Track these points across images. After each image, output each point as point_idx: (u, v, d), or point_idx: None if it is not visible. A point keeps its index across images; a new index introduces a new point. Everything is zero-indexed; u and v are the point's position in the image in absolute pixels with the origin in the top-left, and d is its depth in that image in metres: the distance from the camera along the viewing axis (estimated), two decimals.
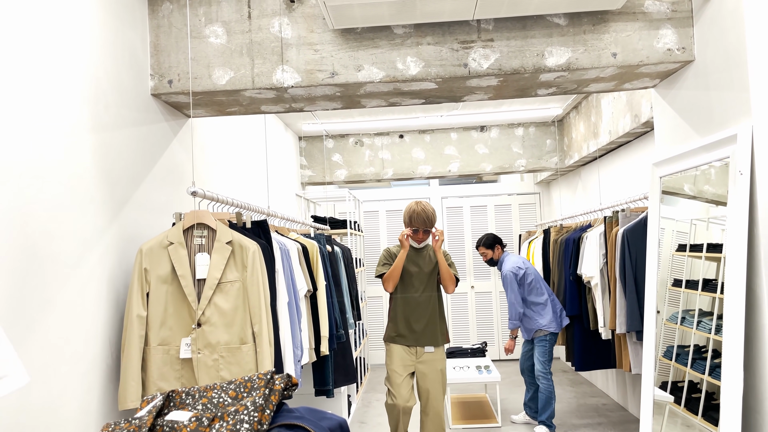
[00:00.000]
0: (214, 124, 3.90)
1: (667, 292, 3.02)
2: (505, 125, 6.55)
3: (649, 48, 2.77)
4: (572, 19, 2.80)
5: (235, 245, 2.49)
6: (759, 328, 2.30)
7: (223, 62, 2.86)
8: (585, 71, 2.84)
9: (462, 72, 2.82)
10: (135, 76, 2.73)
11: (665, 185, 3.06)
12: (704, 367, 2.64)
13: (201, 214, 2.51)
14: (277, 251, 2.89)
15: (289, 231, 3.89)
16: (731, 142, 2.40)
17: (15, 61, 1.89)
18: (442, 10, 2.60)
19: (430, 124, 6.38)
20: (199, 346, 2.40)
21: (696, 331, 2.71)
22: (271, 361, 2.43)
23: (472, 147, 6.55)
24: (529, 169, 6.57)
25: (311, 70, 2.84)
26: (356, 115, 5.88)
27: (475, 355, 5.81)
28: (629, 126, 4.45)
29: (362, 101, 3.19)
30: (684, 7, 2.77)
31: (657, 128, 3.26)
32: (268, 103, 3.12)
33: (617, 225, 3.99)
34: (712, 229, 2.68)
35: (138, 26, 2.78)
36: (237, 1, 2.88)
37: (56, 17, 2.12)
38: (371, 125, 6.28)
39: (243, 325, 2.43)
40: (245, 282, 2.46)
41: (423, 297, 3.67)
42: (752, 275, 2.33)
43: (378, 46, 2.84)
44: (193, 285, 2.45)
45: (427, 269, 3.72)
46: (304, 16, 2.86)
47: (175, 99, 2.96)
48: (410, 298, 3.65)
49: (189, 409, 1.02)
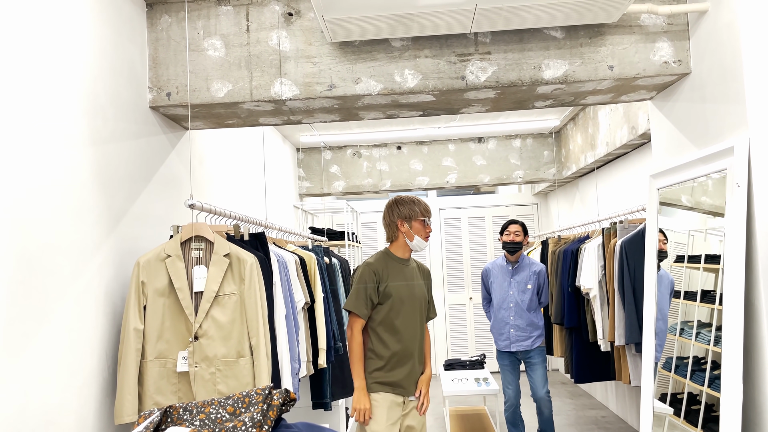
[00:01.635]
0: (212, 137, 3.91)
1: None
2: (503, 137, 6.57)
3: (645, 61, 2.79)
4: (569, 32, 2.81)
5: (233, 258, 2.48)
6: (757, 340, 2.29)
7: (221, 75, 2.87)
8: (582, 84, 2.86)
9: (459, 84, 2.84)
10: (133, 89, 2.73)
11: (663, 197, 3.07)
12: (703, 378, 2.63)
13: (199, 227, 2.51)
14: (275, 263, 2.89)
15: (286, 243, 3.89)
16: (728, 154, 2.41)
17: (13, 74, 1.89)
18: (439, 24, 2.62)
19: (427, 136, 6.40)
20: (196, 359, 2.39)
21: (695, 343, 2.71)
22: (268, 375, 2.42)
23: (469, 158, 6.56)
24: (527, 180, 6.58)
25: (309, 83, 2.85)
26: (354, 126, 5.89)
27: (473, 367, 5.79)
28: (626, 138, 4.47)
29: (360, 113, 3.20)
30: (680, 20, 2.79)
31: (654, 140, 3.27)
32: (267, 115, 3.13)
33: (615, 236, 4.00)
34: (710, 240, 2.68)
35: (137, 39, 2.79)
36: (236, 14, 2.89)
37: (55, 31, 2.13)
38: (369, 137, 6.29)
39: (240, 339, 2.42)
40: (243, 295, 2.45)
41: (416, 330, 2.86)
42: (750, 287, 2.33)
43: (376, 58, 2.85)
44: (190, 298, 2.44)
45: (419, 292, 2.89)
46: (303, 30, 2.87)
47: (174, 111, 2.97)
48: (402, 329, 2.80)
49: (186, 425, 1.01)
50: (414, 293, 2.85)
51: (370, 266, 2.78)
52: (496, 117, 5.78)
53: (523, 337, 4.36)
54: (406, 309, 2.80)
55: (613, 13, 2.59)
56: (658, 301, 3.05)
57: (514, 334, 4.37)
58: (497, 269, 4.52)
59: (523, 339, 4.36)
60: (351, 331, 2.74)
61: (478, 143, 6.58)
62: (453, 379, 5.41)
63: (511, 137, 6.57)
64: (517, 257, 4.45)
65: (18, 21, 1.93)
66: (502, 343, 4.41)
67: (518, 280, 4.42)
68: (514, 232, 4.40)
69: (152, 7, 2.91)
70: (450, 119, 5.77)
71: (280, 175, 5.81)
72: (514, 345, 4.37)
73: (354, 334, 2.74)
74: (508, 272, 4.47)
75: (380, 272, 2.78)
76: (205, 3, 2.90)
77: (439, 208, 7.98)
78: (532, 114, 5.81)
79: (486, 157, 6.56)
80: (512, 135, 6.55)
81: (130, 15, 2.74)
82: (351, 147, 6.66)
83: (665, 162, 3.10)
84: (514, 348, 4.36)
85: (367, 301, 2.75)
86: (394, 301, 2.77)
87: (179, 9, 2.90)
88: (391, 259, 2.86)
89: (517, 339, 4.37)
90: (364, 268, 2.79)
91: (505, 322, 4.40)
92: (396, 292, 2.78)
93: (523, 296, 4.37)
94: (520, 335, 4.36)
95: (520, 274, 4.44)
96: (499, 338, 4.42)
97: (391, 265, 2.84)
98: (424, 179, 6.56)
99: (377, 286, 2.77)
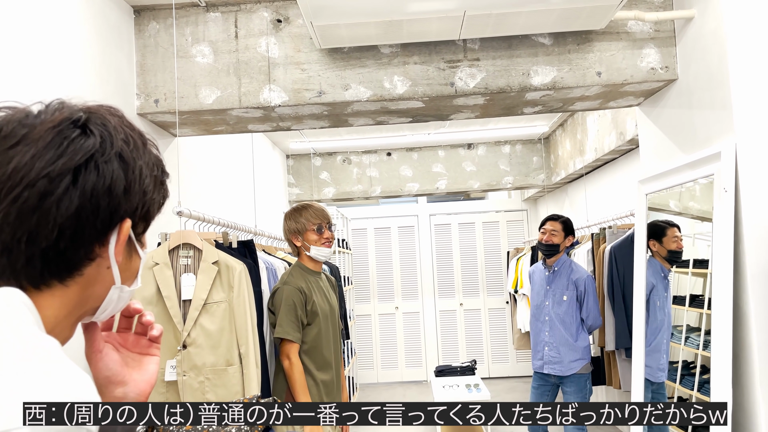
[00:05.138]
0: (200, 143, 3.89)
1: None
2: (492, 143, 6.59)
3: (633, 67, 2.81)
4: (557, 38, 2.83)
5: (222, 265, 2.46)
6: (745, 345, 2.30)
7: (209, 81, 2.86)
8: (570, 90, 2.87)
9: (449, 91, 2.84)
10: (121, 96, 2.71)
11: (651, 202, 3.09)
12: (693, 383, 2.64)
13: (187, 234, 2.49)
14: (264, 271, 2.87)
15: (276, 250, 3.87)
16: (715, 159, 2.43)
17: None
18: (428, 30, 2.62)
19: (417, 142, 6.40)
20: (185, 368, 2.36)
21: (684, 347, 2.71)
22: (257, 383, 2.40)
23: (459, 164, 6.57)
24: (516, 186, 6.60)
25: (298, 89, 2.84)
26: (344, 133, 5.88)
27: (464, 374, 5.78)
28: (615, 143, 4.50)
29: (350, 120, 3.19)
30: (666, 27, 2.81)
31: (642, 146, 3.29)
32: (255, 122, 3.12)
33: (604, 242, 4.01)
34: (698, 244, 2.69)
35: (124, 46, 2.78)
36: (224, 20, 2.88)
37: (41, 36, 2.11)
38: (359, 143, 6.29)
39: (229, 347, 2.40)
40: (231, 303, 2.43)
41: (338, 352, 2.67)
42: (738, 291, 2.34)
43: (365, 65, 2.85)
44: (178, 306, 2.41)
45: (333, 303, 2.67)
46: (291, 36, 2.87)
47: (162, 118, 2.95)
48: (329, 352, 2.58)
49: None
50: (332, 307, 2.63)
51: (294, 285, 2.50)
52: (485, 123, 5.80)
53: (556, 358, 3.58)
54: (329, 327, 2.58)
55: (600, 20, 2.60)
56: (663, 306, 2.98)
57: (548, 354, 3.61)
58: (537, 274, 3.82)
59: (557, 361, 3.58)
60: (289, 360, 2.44)
61: (467, 149, 6.59)
62: (444, 385, 5.39)
63: (500, 143, 6.59)
64: (555, 261, 3.68)
65: (3, 26, 1.91)
66: (536, 363, 3.71)
67: (554, 290, 3.64)
68: (550, 230, 3.63)
69: (140, 14, 2.89)
70: (439, 125, 5.78)
71: (270, 181, 5.79)
72: (548, 366, 3.61)
73: (294, 362, 2.44)
74: (545, 279, 3.72)
75: (305, 290, 2.51)
76: (193, 9, 2.89)
77: (429, 214, 7.98)
78: (522, 120, 5.83)
79: (476, 163, 6.57)
80: (502, 141, 6.57)
81: (118, 21, 2.73)
82: (341, 153, 6.66)
83: (653, 167, 3.12)
84: (547, 370, 3.61)
85: (298, 323, 2.47)
86: (320, 319, 2.52)
87: (167, 15, 2.88)
88: (307, 273, 2.61)
89: (551, 360, 3.60)
90: (288, 289, 2.48)
91: (540, 338, 3.68)
92: (321, 308, 2.54)
93: (559, 309, 3.59)
94: (553, 356, 3.59)
95: (556, 282, 3.65)
96: (534, 356, 3.74)
97: (310, 280, 2.59)
98: (414, 185, 6.56)
99: (305, 306, 2.50)
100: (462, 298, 7.85)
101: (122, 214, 0.69)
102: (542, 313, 3.68)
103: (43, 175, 0.63)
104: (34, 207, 0.62)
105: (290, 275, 2.57)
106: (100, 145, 0.67)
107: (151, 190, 0.74)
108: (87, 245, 0.67)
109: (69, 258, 0.66)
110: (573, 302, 3.58)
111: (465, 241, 7.92)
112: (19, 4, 1.99)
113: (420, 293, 7.87)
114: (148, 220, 0.75)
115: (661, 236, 3.00)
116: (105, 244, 0.69)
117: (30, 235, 0.63)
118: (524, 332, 5.86)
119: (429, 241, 7.92)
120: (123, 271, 0.73)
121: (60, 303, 0.67)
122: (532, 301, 3.82)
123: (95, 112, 0.71)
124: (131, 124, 0.75)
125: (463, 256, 7.90)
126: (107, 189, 0.67)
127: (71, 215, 0.64)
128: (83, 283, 0.68)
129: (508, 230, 7.95)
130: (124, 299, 0.75)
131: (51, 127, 0.65)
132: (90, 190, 0.65)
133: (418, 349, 7.82)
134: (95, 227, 0.66)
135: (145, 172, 0.72)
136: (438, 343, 7.83)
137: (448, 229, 7.95)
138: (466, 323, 7.83)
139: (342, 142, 6.18)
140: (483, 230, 7.93)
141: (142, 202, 0.72)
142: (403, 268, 7.90)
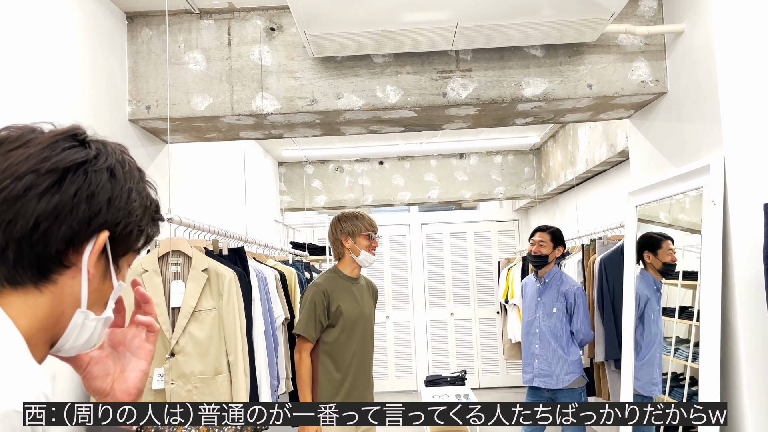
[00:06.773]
0: (192, 150, 3.87)
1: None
2: (484, 153, 6.61)
3: (623, 80, 2.83)
4: (549, 50, 2.85)
5: (211, 273, 2.45)
6: (733, 357, 2.31)
7: (202, 88, 2.85)
8: (561, 101, 2.89)
9: (441, 101, 2.85)
10: (112, 102, 2.70)
11: (641, 214, 3.10)
12: (682, 394, 2.64)
13: (177, 241, 2.47)
14: (254, 279, 2.85)
15: (266, 258, 3.85)
16: (704, 172, 2.45)
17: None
18: (421, 40, 2.64)
19: (409, 151, 6.42)
20: (173, 376, 2.34)
21: (673, 359, 2.72)
22: (246, 392, 2.38)
23: (451, 174, 6.59)
24: (508, 196, 6.62)
25: (291, 98, 2.85)
26: (336, 141, 5.89)
27: (454, 384, 5.77)
28: (605, 155, 4.52)
29: (342, 128, 3.20)
30: (657, 40, 2.84)
31: (632, 158, 3.31)
32: (248, 129, 3.11)
33: (595, 253, 4.02)
34: (688, 256, 2.71)
35: (116, 52, 2.77)
36: (217, 28, 2.89)
37: (34, 42, 2.10)
38: (351, 152, 6.29)
39: (218, 355, 2.38)
40: (221, 310, 2.42)
41: (368, 353, 2.76)
42: (726, 303, 2.35)
43: (358, 74, 2.86)
44: (167, 314, 2.40)
45: (368, 312, 2.78)
46: (285, 44, 2.87)
47: (153, 125, 2.94)
48: (354, 352, 2.68)
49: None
50: (364, 313, 2.72)
51: (319, 287, 2.63)
52: (477, 133, 5.82)
53: (546, 371, 3.51)
54: (357, 331, 2.67)
55: (591, 33, 2.63)
56: (657, 319, 2.95)
57: (538, 367, 3.54)
58: (530, 286, 3.77)
59: (546, 374, 3.50)
60: (299, 355, 2.58)
61: (459, 159, 6.61)
62: (434, 395, 5.38)
63: (492, 153, 6.62)
64: (545, 272, 3.63)
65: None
66: (525, 376, 3.64)
67: (545, 301, 3.58)
68: (539, 241, 3.59)
69: (133, 20, 2.89)
70: (432, 135, 5.80)
71: (262, 189, 5.78)
72: (537, 380, 3.53)
73: (303, 358, 2.58)
74: (536, 290, 3.66)
75: (329, 292, 2.63)
76: (186, 17, 2.89)
77: (421, 224, 7.98)
78: (513, 131, 5.86)
79: (467, 173, 6.59)
80: (493, 151, 6.60)
81: (111, 27, 2.72)
82: (333, 161, 6.66)
83: (643, 179, 3.14)
84: (537, 383, 3.53)
85: (316, 323, 2.60)
86: (345, 322, 2.63)
87: (160, 22, 2.88)
88: (340, 278, 2.72)
89: (540, 373, 3.52)
90: (313, 290, 2.63)
91: (530, 350, 3.62)
92: (347, 312, 2.64)
93: (549, 321, 3.54)
94: (544, 369, 3.52)
95: (547, 293, 3.59)
96: (525, 369, 3.66)
97: (341, 284, 2.70)
98: (405, 194, 6.56)
99: (327, 308, 2.62)
100: (453, 307, 7.85)
101: (102, 224, 0.70)
102: (533, 326, 3.63)
103: (31, 170, 0.66)
104: (17, 197, 0.65)
105: (322, 278, 2.71)
106: (94, 157, 0.71)
107: (138, 215, 0.74)
108: (60, 243, 0.67)
109: (40, 254, 0.66)
110: (563, 314, 3.53)
111: (456, 251, 7.93)
112: (11, 10, 1.98)
113: (411, 302, 7.85)
114: (128, 244, 0.75)
115: (657, 248, 3.00)
116: (80, 252, 0.69)
117: (8, 223, 0.65)
118: (514, 342, 5.86)
119: (420, 251, 7.92)
120: (93, 291, 0.72)
121: (33, 311, 0.67)
122: (524, 314, 3.76)
123: (101, 138, 0.75)
124: (134, 161, 0.77)
125: (455, 266, 7.90)
126: (90, 193, 0.68)
127: (50, 211, 0.66)
128: (56, 292, 0.68)
129: (499, 240, 7.96)
130: (89, 328, 0.73)
131: (53, 135, 0.70)
132: (74, 191, 0.67)
133: (409, 358, 7.80)
134: (71, 227, 0.67)
135: (134, 195, 0.73)
136: (428, 353, 7.81)
137: (440, 238, 7.96)
138: (457, 333, 7.82)
139: (334, 150, 6.18)
140: (474, 240, 7.94)
141: (126, 222, 0.72)
142: (394, 277, 7.89)
